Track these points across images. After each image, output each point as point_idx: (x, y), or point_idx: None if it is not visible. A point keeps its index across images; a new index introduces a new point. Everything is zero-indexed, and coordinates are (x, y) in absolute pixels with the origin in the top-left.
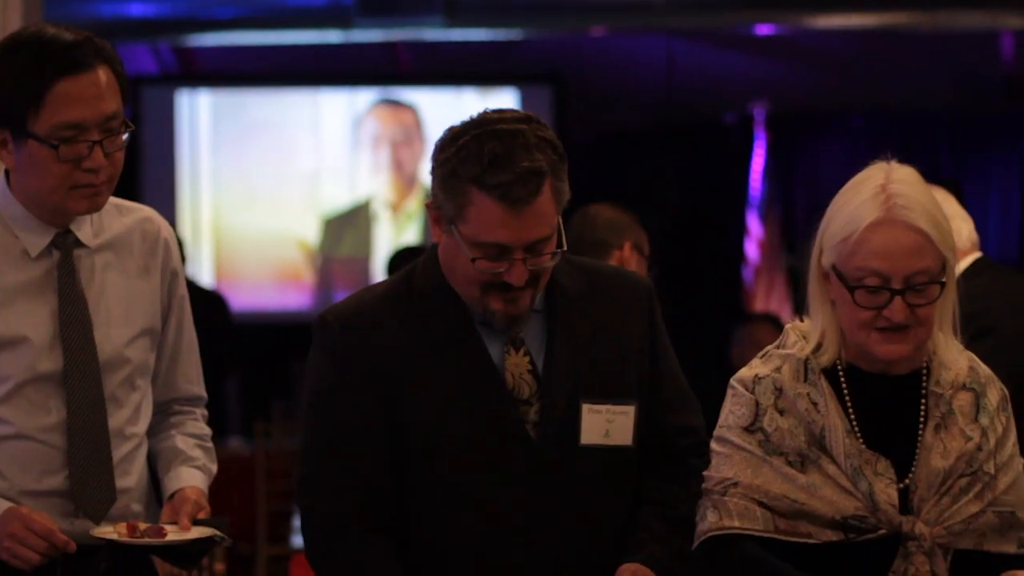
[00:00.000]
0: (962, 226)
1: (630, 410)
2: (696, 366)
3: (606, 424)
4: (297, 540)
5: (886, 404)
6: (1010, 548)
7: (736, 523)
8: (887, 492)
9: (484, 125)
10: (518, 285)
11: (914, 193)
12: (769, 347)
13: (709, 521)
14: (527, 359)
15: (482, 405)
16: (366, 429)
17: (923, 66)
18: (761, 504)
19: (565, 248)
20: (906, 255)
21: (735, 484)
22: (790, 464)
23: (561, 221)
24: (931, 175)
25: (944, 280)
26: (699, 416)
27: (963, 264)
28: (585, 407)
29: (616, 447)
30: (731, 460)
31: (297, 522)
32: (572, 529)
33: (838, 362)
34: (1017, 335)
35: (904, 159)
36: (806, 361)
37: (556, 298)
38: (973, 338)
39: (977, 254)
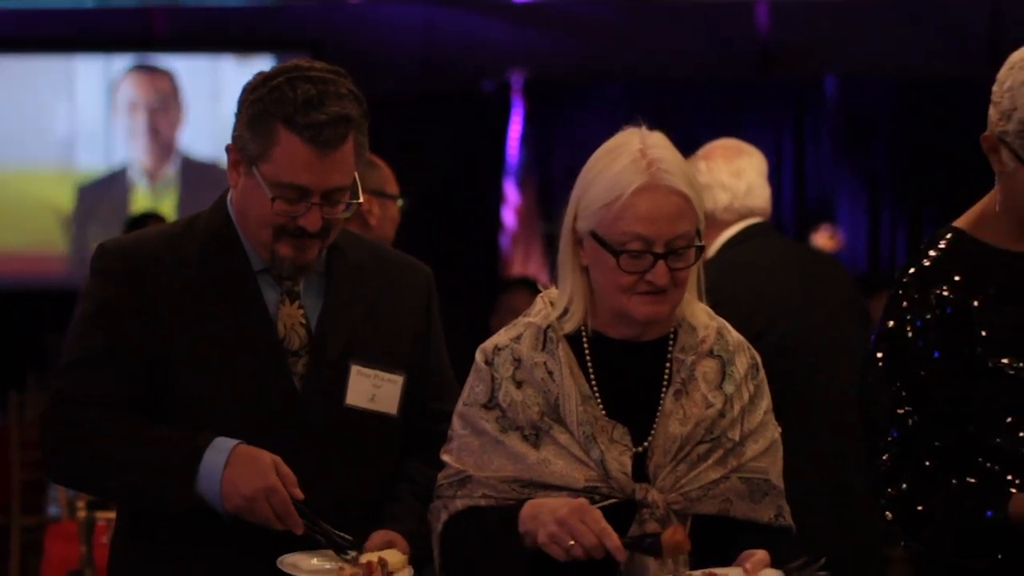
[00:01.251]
0: (720, 195)
1: (398, 380)
2: (456, 335)
3: (373, 389)
4: (53, 510)
5: (630, 371)
6: (764, 516)
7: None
8: (620, 460)
9: (298, 70)
10: (311, 231)
11: (672, 157)
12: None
13: (442, 521)
14: (301, 312)
15: (250, 350)
16: (125, 351)
17: (680, 35)
18: (488, 497)
19: (360, 201)
20: (669, 219)
21: (467, 480)
22: (525, 439)
23: (358, 177)
24: (686, 144)
25: (700, 243)
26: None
27: (734, 230)
28: (354, 368)
29: (380, 414)
30: (469, 446)
31: (53, 491)
32: (326, 486)
33: (583, 329)
34: (753, 304)
35: (659, 127)
36: (547, 329)
37: (339, 264)
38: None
39: (754, 220)
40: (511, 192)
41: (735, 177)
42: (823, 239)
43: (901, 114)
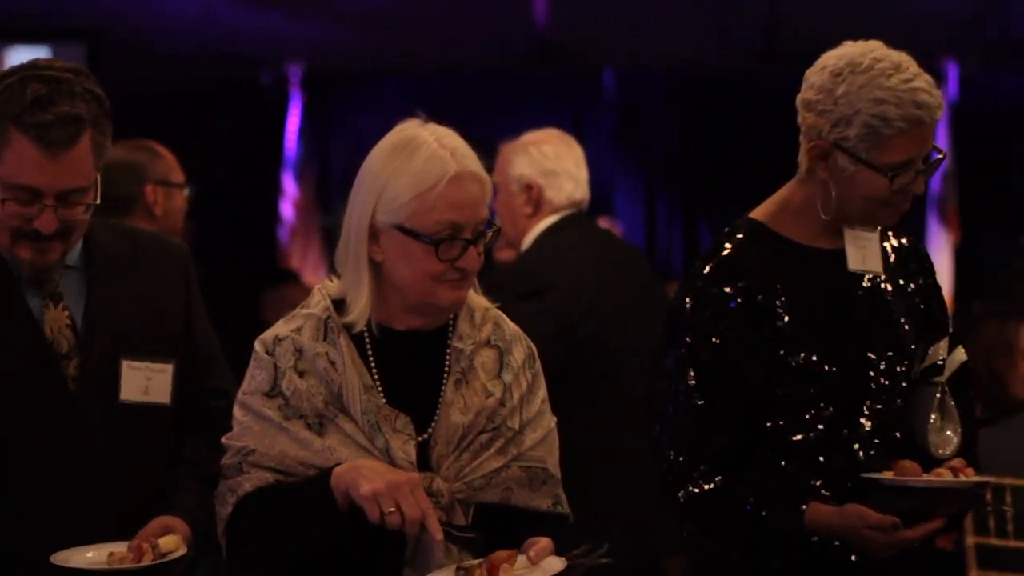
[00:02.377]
0: (565, 183)
1: (168, 368)
2: (233, 328)
3: (145, 381)
4: None
5: (412, 361)
6: (543, 504)
7: (250, 489)
8: (404, 448)
9: (32, 69)
10: (46, 233)
11: (465, 145)
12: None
13: (231, 504)
14: (66, 313)
15: (20, 358)
16: None
17: (459, 27)
18: (275, 471)
19: (98, 202)
20: (475, 205)
21: (251, 452)
22: (309, 427)
23: (99, 177)
24: (464, 136)
25: (498, 227)
26: (231, 379)
27: (553, 219)
28: (125, 363)
29: (155, 405)
30: (251, 430)
31: None
32: (109, 484)
33: (366, 320)
34: (570, 297)
35: (439, 120)
36: (327, 320)
37: (96, 257)
38: (525, 296)
39: (571, 210)
40: (289, 185)
41: (577, 167)
42: None
43: (678, 108)
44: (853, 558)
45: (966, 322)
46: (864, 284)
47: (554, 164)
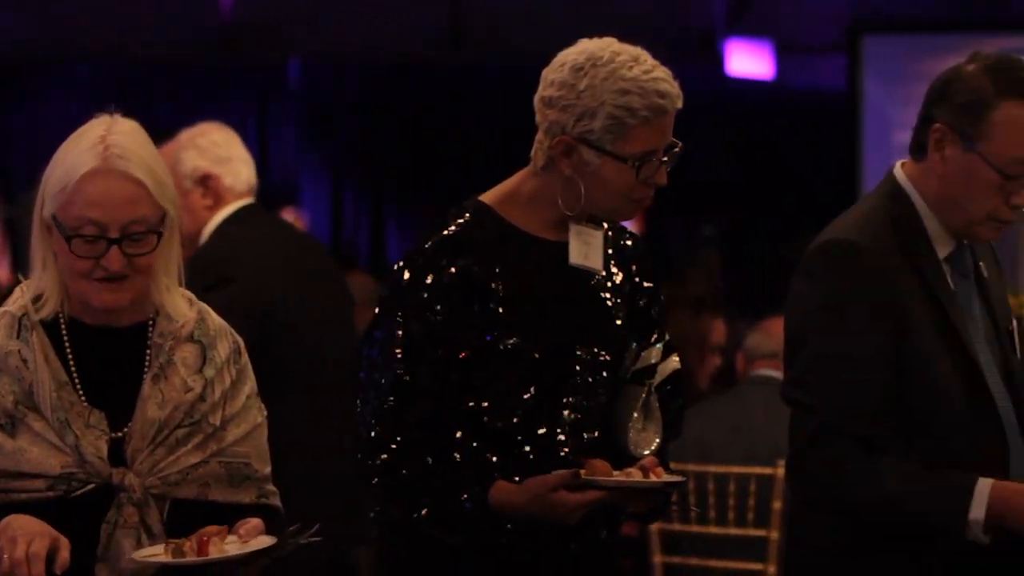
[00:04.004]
0: (241, 168)
1: None
2: None
3: None
4: None
5: (110, 356)
6: (245, 498)
7: None
8: (96, 444)
9: None
10: None
11: (132, 144)
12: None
13: None
14: None
15: None
16: None
17: (144, 14)
18: None
19: None
20: (122, 204)
21: None
22: (1, 428)
23: None
24: (150, 129)
25: (163, 230)
26: None
27: (231, 208)
28: None
29: None
30: None
31: None
32: None
33: (60, 315)
34: (256, 284)
35: (123, 110)
36: (22, 317)
37: None
38: (211, 287)
39: (248, 200)
40: None
41: (244, 151)
42: None
43: (364, 97)
44: (543, 547)
45: None
46: (583, 280)
47: (225, 151)
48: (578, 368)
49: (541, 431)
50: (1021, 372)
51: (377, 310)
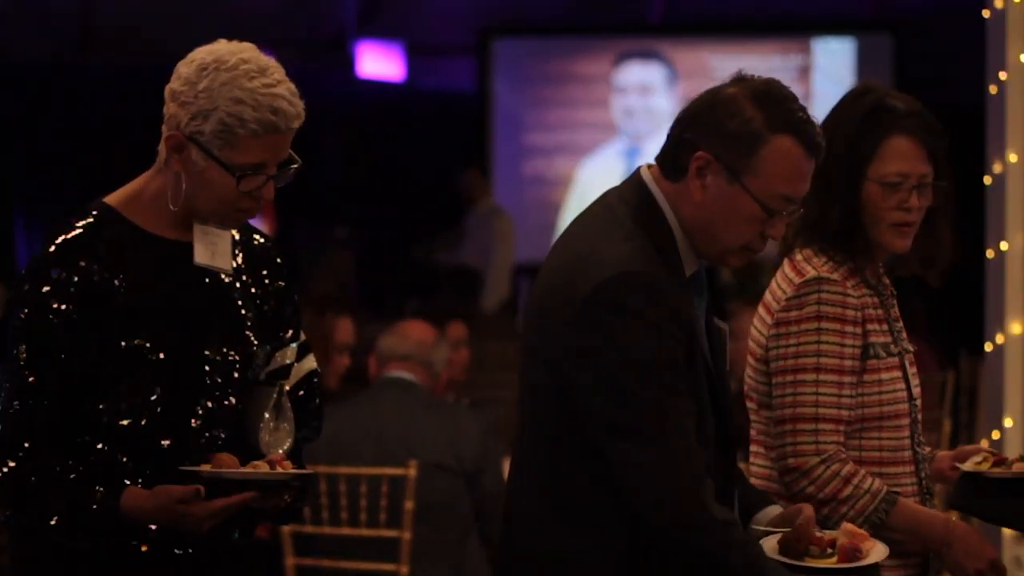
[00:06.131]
0: None
1: None
2: None
3: None
4: None
5: None
6: None
7: None
8: None
9: None
10: None
11: None
12: None
13: None
14: None
15: None
16: None
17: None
18: None
19: None
20: None
21: None
22: None
23: None
24: None
25: None
26: None
27: None
28: None
29: None
30: None
31: None
32: None
33: None
34: None
35: None
36: None
37: None
38: None
39: None
40: None
41: None
42: None
43: None
44: (177, 551)
45: None
46: (210, 280)
47: None
48: (207, 369)
49: (171, 432)
50: (726, 387)
51: (2, 315)
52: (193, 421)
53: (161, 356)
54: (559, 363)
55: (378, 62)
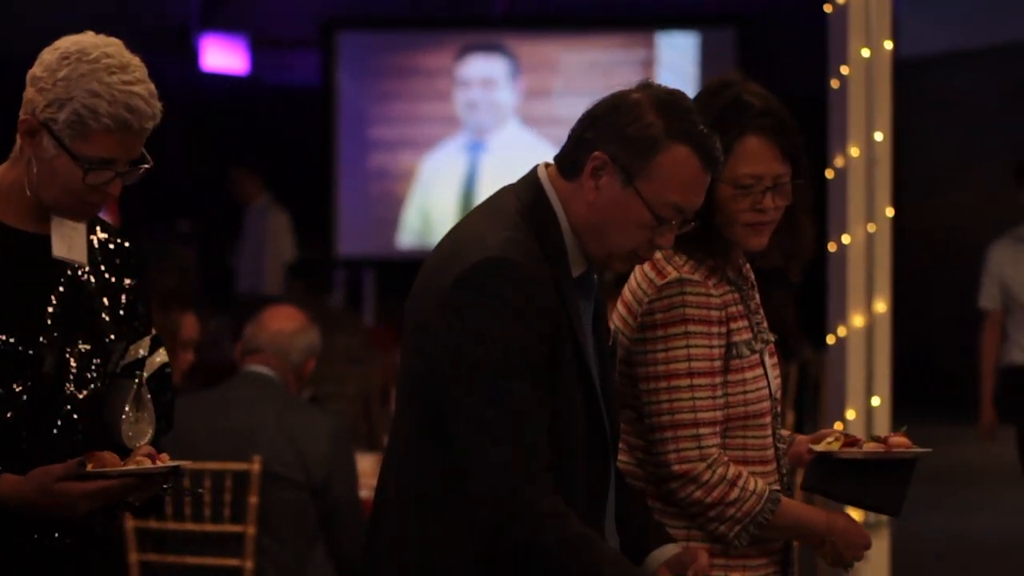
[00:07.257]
0: None
1: None
2: None
3: None
4: None
5: None
6: None
7: None
8: None
9: None
10: None
11: None
12: None
13: None
14: None
15: None
16: None
17: None
18: None
19: None
20: None
21: None
22: None
23: None
24: None
25: None
26: None
27: None
28: None
29: None
30: None
31: None
32: None
33: None
34: None
35: None
36: None
37: None
38: None
39: None
40: None
41: None
42: None
43: None
44: (36, 537)
45: None
46: (67, 273)
47: None
48: (70, 363)
49: (33, 425)
50: (615, 390)
51: None
52: (53, 415)
53: (23, 352)
54: (428, 345)
55: (222, 55)
